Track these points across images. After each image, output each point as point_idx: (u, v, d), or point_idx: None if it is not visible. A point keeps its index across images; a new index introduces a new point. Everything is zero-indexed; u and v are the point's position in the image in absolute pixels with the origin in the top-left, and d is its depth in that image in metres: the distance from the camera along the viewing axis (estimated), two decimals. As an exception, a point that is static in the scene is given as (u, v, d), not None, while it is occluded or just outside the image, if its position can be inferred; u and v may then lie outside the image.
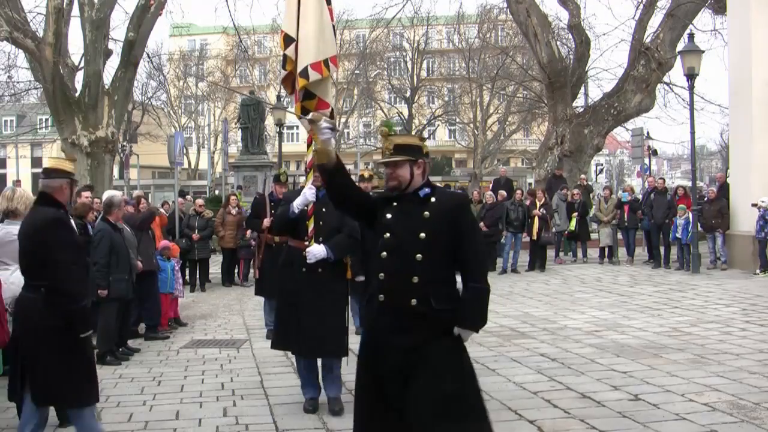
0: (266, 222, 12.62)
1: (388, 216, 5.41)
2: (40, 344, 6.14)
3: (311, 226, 8.07)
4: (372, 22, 42.93)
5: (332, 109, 9.04)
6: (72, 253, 6.27)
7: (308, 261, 7.89)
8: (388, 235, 5.34)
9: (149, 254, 12.86)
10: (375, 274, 5.39)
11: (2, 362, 9.29)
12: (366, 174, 12.26)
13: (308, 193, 8.09)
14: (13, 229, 7.74)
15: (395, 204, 5.45)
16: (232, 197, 20.78)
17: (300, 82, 8.62)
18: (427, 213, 5.30)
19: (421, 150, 5.52)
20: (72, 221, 7.20)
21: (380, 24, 41.29)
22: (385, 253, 5.32)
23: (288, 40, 8.76)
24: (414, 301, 5.16)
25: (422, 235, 5.23)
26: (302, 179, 11.42)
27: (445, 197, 5.51)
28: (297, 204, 8.17)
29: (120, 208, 11.21)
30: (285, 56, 8.85)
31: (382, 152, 5.63)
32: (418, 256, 5.19)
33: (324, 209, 8.04)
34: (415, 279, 5.18)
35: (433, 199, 5.39)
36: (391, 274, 5.26)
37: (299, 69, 8.61)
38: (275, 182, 13.85)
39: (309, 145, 7.98)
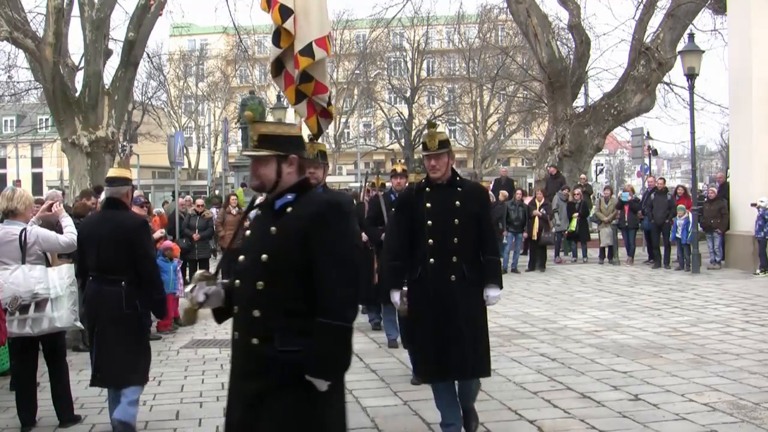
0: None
1: (247, 233, 4.61)
2: (119, 331, 7.26)
3: None
4: (372, 22, 42.93)
5: (330, 93, 8.11)
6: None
7: None
8: (240, 257, 4.48)
9: None
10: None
11: (8, 360, 9.35)
12: (399, 169, 11.06)
13: None
14: (12, 228, 7.75)
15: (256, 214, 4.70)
16: (232, 197, 20.77)
17: (302, 62, 7.41)
18: (274, 228, 4.30)
19: (293, 142, 4.51)
20: None
21: (380, 24, 41.28)
22: (237, 281, 4.43)
23: (285, 13, 7.36)
24: (255, 341, 4.23)
25: (264, 256, 4.24)
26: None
27: (306, 204, 4.34)
28: None
29: None
30: (279, 31, 7.43)
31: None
32: (259, 283, 4.22)
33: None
34: (256, 312, 4.22)
35: (289, 210, 4.34)
36: (239, 306, 4.38)
37: (301, 46, 7.33)
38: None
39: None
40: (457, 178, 6.97)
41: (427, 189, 6.92)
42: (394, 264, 7.11)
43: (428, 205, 6.84)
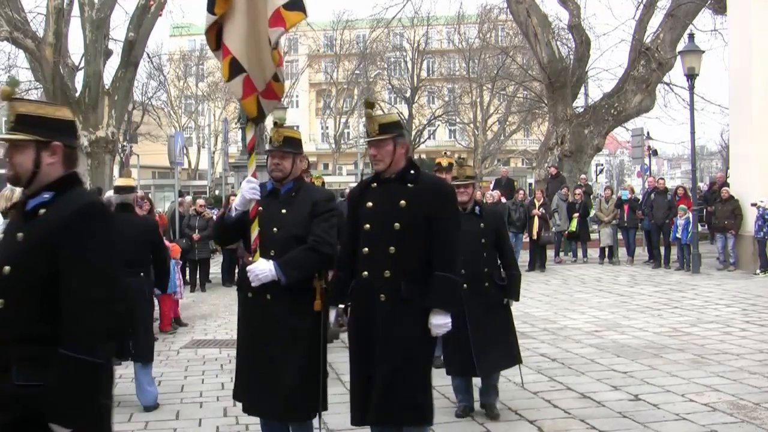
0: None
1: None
2: (147, 312, 8.88)
3: (254, 233, 5.88)
4: (372, 22, 42.86)
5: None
6: None
7: (252, 284, 5.72)
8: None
9: None
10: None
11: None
12: (445, 162, 10.03)
13: (246, 189, 5.89)
14: None
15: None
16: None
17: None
18: (20, 234, 3.68)
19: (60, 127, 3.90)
20: None
21: (380, 24, 41.21)
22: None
23: None
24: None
25: (6, 268, 3.62)
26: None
27: (61, 206, 3.71)
28: (235, 204, 6.00)
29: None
30: None
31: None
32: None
33: (283, 210, 5.91)
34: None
35: (42, 212, 3.73)
36: None
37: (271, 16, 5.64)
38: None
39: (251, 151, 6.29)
40: (411, 172, 5.72)
41: (373, 184, 5.84)
42: (338, 276, 5.92)
43: (369, 204, 5.76)
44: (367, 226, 5.65)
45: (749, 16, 21.33)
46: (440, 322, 5.42)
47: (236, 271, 20.27)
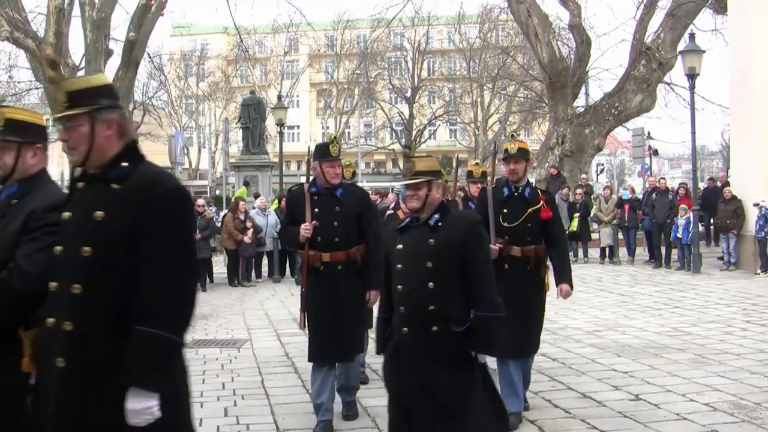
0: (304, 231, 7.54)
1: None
2: None
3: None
4: (373, 22, 42.90)
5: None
6: None
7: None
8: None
9: None
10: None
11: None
12: (477, 172, 10.03)
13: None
14: None
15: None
16: (241, 203, 20.69)
17: None
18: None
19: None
20: None
21: (381, 24, 41.24)
22: None
23: None
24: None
25: None
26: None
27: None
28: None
29: None
30: None
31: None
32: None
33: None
34: None
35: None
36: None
37: None
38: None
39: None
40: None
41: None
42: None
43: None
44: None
45: (750, 15, 21.31)
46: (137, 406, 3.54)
47: (237, 270, 20.36)
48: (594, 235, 23.73)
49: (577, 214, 22.76)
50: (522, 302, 7.34)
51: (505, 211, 7.70)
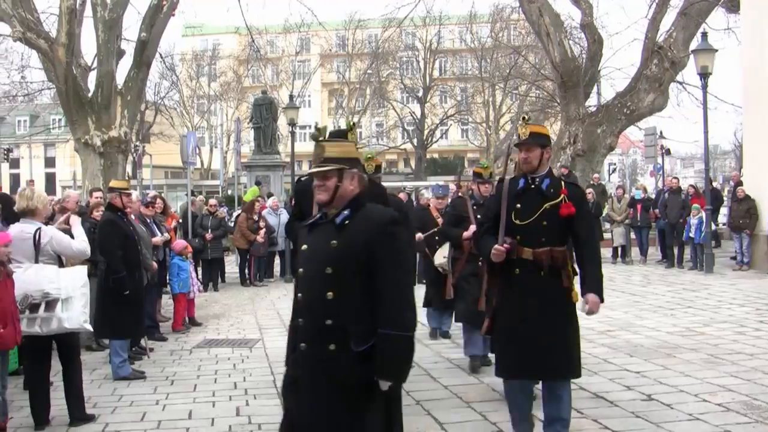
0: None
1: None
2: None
3: None
4: (384, 21, 42.91)
5: None
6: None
7: None
8: None
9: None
10: None
11: (17, 360, 9.38)
12: (485, 173, 9.84)
13: None
14: (27, 227, 7.81)
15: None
16: (257, 203, 20.70)
17: None
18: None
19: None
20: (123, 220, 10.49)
21: (392, 24, 41.27)
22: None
23: None
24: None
25: None
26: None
27: None
28: None
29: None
30: None
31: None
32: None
33: None
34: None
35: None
36: None
37: None
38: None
39: None
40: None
41: None
42: None
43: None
44: None
45: (763, 14, 21.22)
46: None
47: (250, 270, 20.39)
48: (606, 235, 23.68)
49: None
50: (539, 313, 6.53)
51: (518, 206, 6.57)
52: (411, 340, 4.39)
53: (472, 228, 8.05)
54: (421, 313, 10.54)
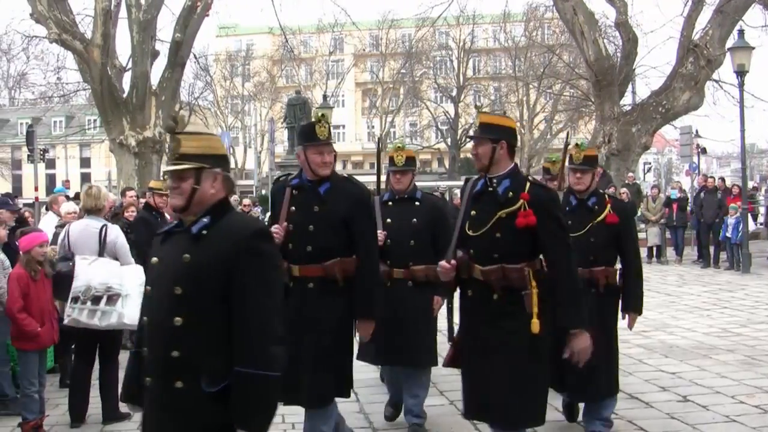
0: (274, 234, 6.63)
1: None
2: None
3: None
4: (418, 21, 42.79)
5: None
6: None
7: None
8: None
9: None
10: None
11: (53, 358, 9.46)
12: (554, 169, 8.39)
13: None
14: (94, 223, 8.16)
15: None
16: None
17: None
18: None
19: None
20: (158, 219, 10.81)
21: (426, 23, 41.13)
22: None
23: None
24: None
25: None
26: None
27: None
28: None
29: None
30: None
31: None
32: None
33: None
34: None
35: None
36: None
37: None
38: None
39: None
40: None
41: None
42: None
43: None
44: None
45: (800, 11, 21.01)
46: None
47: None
48: (641, 235, 23.50)
49: (623, 214, 22.56)
50: (488, 347, 5.24)
51: (473, 213, 5.51)
52: (276, 381, 3.58)
53: None
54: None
